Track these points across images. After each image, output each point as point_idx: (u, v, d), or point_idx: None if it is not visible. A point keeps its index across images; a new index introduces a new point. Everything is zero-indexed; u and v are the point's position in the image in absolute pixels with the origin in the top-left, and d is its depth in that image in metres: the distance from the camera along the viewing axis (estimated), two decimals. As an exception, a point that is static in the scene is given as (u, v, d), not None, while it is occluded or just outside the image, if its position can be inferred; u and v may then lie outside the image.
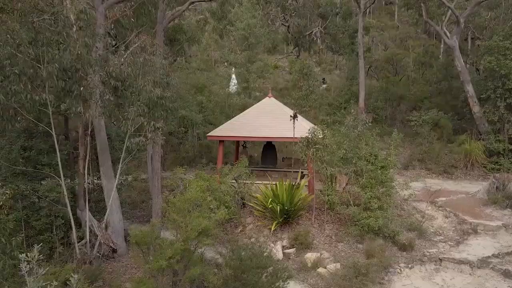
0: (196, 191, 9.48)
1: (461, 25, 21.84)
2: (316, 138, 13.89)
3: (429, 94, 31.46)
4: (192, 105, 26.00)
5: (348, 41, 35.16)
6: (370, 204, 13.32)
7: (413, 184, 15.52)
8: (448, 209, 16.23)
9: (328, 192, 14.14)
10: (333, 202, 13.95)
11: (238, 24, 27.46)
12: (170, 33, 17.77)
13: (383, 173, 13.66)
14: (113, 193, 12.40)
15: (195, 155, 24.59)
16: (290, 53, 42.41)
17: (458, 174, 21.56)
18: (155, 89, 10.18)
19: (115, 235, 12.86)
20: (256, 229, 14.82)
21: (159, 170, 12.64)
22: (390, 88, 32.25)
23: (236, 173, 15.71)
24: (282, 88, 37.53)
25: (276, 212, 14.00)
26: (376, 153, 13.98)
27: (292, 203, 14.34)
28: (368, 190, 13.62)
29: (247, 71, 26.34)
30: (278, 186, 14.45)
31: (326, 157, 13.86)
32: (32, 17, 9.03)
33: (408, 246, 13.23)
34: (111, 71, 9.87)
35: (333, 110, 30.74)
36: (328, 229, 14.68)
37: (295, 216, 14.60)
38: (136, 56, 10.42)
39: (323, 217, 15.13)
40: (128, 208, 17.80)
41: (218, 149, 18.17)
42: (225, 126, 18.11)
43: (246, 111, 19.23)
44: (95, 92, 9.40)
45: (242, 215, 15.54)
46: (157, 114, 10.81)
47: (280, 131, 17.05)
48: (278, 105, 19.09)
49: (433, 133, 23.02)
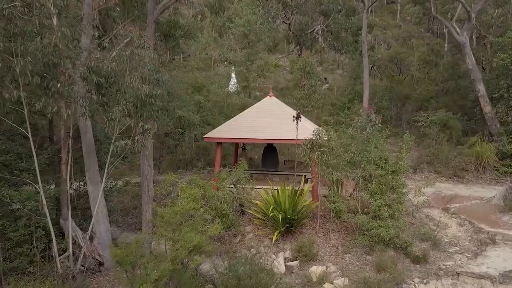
0: (188, 201, 8.36)
1: (472, 21, 20.75)
2: (321, 141, 12.78)
3: (435, 94, 30.34)
4: (190, 105, 24.91)
5: (351, 39, 34.07)
6: (380, 212, 12.21)
7: (415, 185, 14.45)
8: (462, 216, 15.12)
9: (334, 198, 13.02)
10: (339, 210, 12.83)
11: (238, 21, 26.35)
12: (165, 28, 16.69)
13: (394, 179, 12.55)
14: (99, 200, 11.30)
15: (192, 157, 23.48)
16: (291, 51, 41.30)
17: (469, 177, 20.42)
18: (143, 86, 9.09)
19: (101, 246, 11.76)
20: (256, 239, 13.72)
21: (150, 175, 11.54)
22: (395, 88, 31.15)
23: (234, 178, 14.61)
24: (283, 88, 36.48)
25: (278, 221, 12.91)
26: (387, 156, 12.87)
27: (295, 211, 13.24)
28: (378, 197, 12.52)
29: (247, 69, 25.22)
30: (280, 192, 13.34)
31: (332, 161, 12.75)
32: (2, 4, 7.92)
33: (422, 258, 12.12)
34: (93, 65, 8.76)
35: (336, 110, 29.64)
36: (334, 238, 13.58)
37: (298, 225, 13.49)
38: (122, 50, 9.30)
39: (328, 226, 14.04)
40: (119, 214, 16.71)
41: (216, 151, 17.05)
42: (223, 127, 17.00)
43: (245, 111, 18.13)
44: (73, 89, 8.28)
45: (241, 223, 14.43)
46: (146, 114, 9.70)
47: (282, 133, 15.95)
48: (279, 104, 17.98)
49: (442, 135, 21.88)
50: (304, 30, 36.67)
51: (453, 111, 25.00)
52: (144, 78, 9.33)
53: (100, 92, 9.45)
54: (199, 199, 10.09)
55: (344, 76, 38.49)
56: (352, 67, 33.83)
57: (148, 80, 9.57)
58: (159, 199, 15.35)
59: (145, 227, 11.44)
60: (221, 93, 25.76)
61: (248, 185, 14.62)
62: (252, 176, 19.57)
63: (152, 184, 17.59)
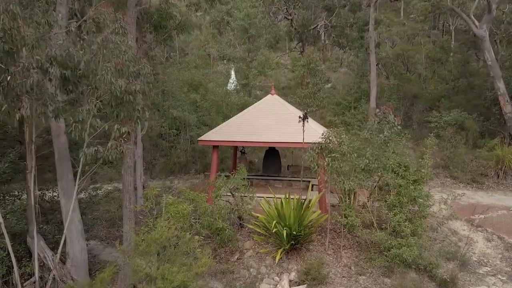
0: (170, 225, 6.68)
1: (492, 13, 19.03)
2: (332, 145, 11.07)
3: (445, 93, 28.61)
4: (185, 104, 23.22)
5: (356, 35, 32.33)
6: (401, 228, 10.50)
7: (439, 196, 12.71)
8: (489, 230, 13.43)
9: (346, 212, 11.32)
10: (353, 225, 11.12)
11: (237, 14, 24.65)
12: (155, 19, 14.97)
13: (416, 189, 10.84)
14: (72, 215, 9.58)
15: (187, 160, 21.78)
16: (293, 49, 39.57)
17: (489, 183, 18.70)
18: (118, 80, 7.38)
19: (76, 269, 10.06)
20: (256, 257, 12.00)
21: (131, 187, 9.82)
22: (404, 86, 29.45)
23: (232, 185, 12.91)
24: (284, 87, 34.87)
25: (282, 237, 11.20)
26: (407, 163, 11.17)
27: (301, 225, 11.53)
28: (397, 210, 10.80)
29: (247, 66, 23.52)
30: (284, 204, 11.62)
31: (344, 168, 11.04)
32: None
33: (449, 282, 10.40)
34: (55, 54, 7.05)
35: (341, 110, 27.91)
36: (346, 256, 11.87)
37: (305, 242, 11.79)
38: (93, 36, 7.60)
39: (339, 241, 12.34)
40: (104, 226, 14.98)
41: (212, 156, 15.35)
42: (220, 129, 15.29)
43: (245, 111, 16.42)
44: (27, 83, 6.58)
45: (240, 238, 12.72)
46: (123, 114, 7.99)
47: (285, 135, 14.25)
48: (282, 104, 16.26)
49: (459, 136, 20.14)
50: (307, 26, 34.94)
51: (468, 111, 23.31)
52: (120, 70, 7.62)
53: (67, 88, 7.74)
54: (188, 216, 8.39)
55: (349, 74, 36.80)
56: (358, 64, 32.08)
57: (126, 73, 7.86)
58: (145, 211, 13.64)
59: (126, 246, 9.72)
60: (219, 92, 24.06)
61: (248, 193, 12.91)
62: (252, 183, 17.94)
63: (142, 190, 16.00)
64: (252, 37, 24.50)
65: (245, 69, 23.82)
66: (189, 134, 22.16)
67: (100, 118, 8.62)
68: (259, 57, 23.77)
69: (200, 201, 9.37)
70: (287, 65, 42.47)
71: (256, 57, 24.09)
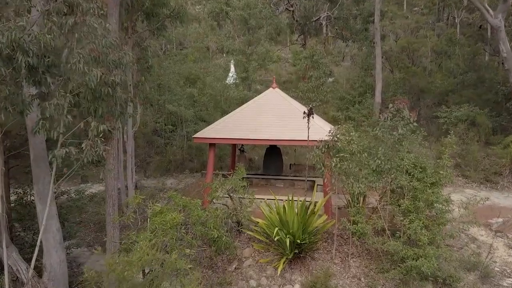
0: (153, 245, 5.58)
1: (508, 1, 17.81)
2: (341, 143, 9.95)
3: (454, 87, 27.40)
4: (182, 99, 22.08)
5: (361, 27, 31.09)
6: (417, 237, 9.40)
7: (457, 198, 11.62)
8: (510, 235, 12.34)
9: (356, 217, 10.22)
10: (364, 233, 10.03)
11: (236, 3, 23.42)
12: (147, 6, 13.81)
13: (434, 193, 9.74)
14: (48, 222, 8.50)
15: (183, 158, 20.67)
16: (294, 41, 38.34)
17: (504, 183, 17.59)
18: (93, 70, 6.25)
19: (54, 283, 8.97)
20: (256, 266, 10.91)
21: (115, 192, 8.71)
22: (410, 80, 28.25)
23: (230, 186, 11.81)
24: (285, 81, 33.76)
25: (285, 246, 10.12)
26: (424, 164, 10.06)
27: (306, 232, 10.44)
28: (413, 216, 9.70)
29: (247, 58, 22.33)
30: (287, 209, 10.52)
31: (354, 169, 9.93)
32: None
33: (471, 297, 9.35)
34: (16, 39, 5.91)
35: (345, 105, 26.73)
36: (355, 266, 10.79)
37: (310, 250, 10.71)
38: (65, 18, 6.45)
39: (346, 248, 11.27)
40: (92, 230, 13.97)
41: (208, 154, 14.24)
42: (217, 125, 14.16)
43: (244, 106, 15.28)
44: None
45: (238, 245, 11.64)
46: (101, 109, 6.87)
47: (288, 132, 13.13)
48: (284, 98, 15.11)
49: (471, 133, 19.01)
50: (309, 18, 33.68)
51: (479, 106, 22.15)
52: (96, 58, 6.49)
53: (35, 79, 6.61)
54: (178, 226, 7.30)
55: (351, 68, 35.60)
56: (362, 57, 30.85)
57: (105, 62, 6.73)
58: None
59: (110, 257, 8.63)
60: (218, 86, 22.89)
61: (247, 195, 11.80)
62: (251, 182, 16.84)
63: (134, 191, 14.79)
64: (252, 28, 23.30)
65: (244, 61, 22.64)
66: (185, 130, 21.04)
67: (79, 114, 7.54)
68: (260, 49, 22.57)
69: (192, 208, 8.30)
70: (288, 58, 41.29)
71: (256, 49, 22.90)
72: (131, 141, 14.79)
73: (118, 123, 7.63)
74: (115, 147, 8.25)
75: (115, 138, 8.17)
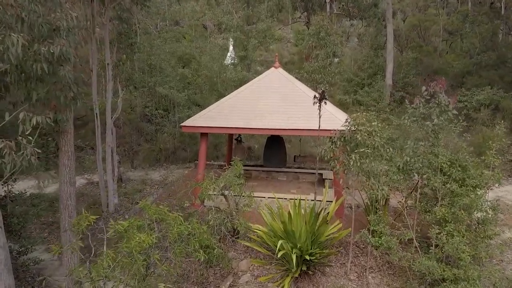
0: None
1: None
2: (361, 136, 7.92)
3: (471, 68, 25.19)
4: (174, 81, 19.95)
5: (370, 2, 28.66)
6: (458, 254, 7.47)
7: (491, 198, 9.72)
8: (555, 243, 10.42)
9: (379, 228, 8.27)
10: (388, 247, 8.10)
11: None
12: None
13: (478, 199, 7.77)
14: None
15: (175, 146, 18.65)
16: (297, 19, 35.88)
17: (535, 175, 15.67)
18: (12, 36, 4.19)
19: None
20: (255, 284, 9.03)
21: (71, 201, 6.72)
22: (423, 60, 26.04)
23: (224, 183, 9.85)
24: (287, 62, 31.63)
25: (291, 262, 8.21)
26: (465, 162, 8.07)
27: (315, 243, 8.53)
28: (452, 228, 7.75)
29: (246, 36, 20.10)
30: (293, 216, 8.57)
31: (377, 168, 7.93)
32: None
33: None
34: None
35: (353, 87, 24.58)
36: (374, 283, 8.91)
37: (320, 265, 8.82)
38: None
39: (363, 261, 9.40)
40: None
41: (200, 146, 12.24)
42: (210, 111, 12.11)
43: (242, 88, 13.18)
44: None
45: (234, 255, 9.77)
46: (36, 94, 4.84)
47: (293, 120, 11.12)
48: (288, 79, 13.01)
49: (498, 119, 16.94)
50: (313, -7, 31.17)
51: (502, 88, 20.05)
52: (20, 20, 4.42)
53: None
54: (151, 247, 5.34)
55: (358, 48, 33.27)
56: (371, 36, 28.51)
57: (35, 26, 4.66)
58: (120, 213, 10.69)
59: (66, 277, 6.74)
60: (214, 66, 20.71)
61: (244, 194, 9.86)
62: (251, 175, 14.91)
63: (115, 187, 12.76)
64: (251, 1, 20.98)
65: (243, 39, 20.40)
66: (177, 115, 18.96)
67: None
68: (260, 25, 20.31)
69: (171, 222, 6.33)
70: (290, 38, 38.87)
71: (256, 25, 20.64)
72: (110, 130, 12.76)
73: (66, 113, 5.62)
74: (68, 143, 6.27)
75: (68, 131, 6.16)
